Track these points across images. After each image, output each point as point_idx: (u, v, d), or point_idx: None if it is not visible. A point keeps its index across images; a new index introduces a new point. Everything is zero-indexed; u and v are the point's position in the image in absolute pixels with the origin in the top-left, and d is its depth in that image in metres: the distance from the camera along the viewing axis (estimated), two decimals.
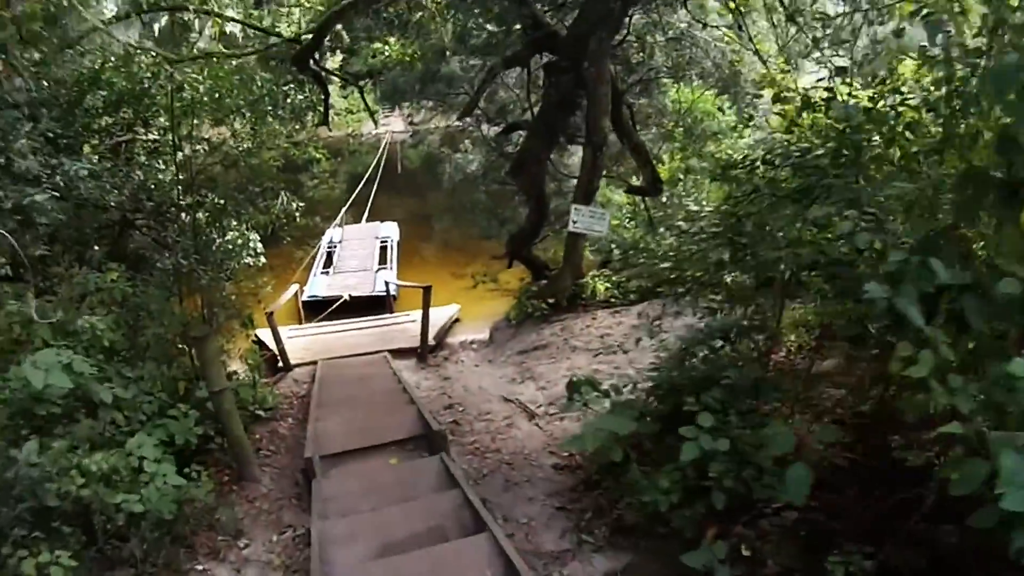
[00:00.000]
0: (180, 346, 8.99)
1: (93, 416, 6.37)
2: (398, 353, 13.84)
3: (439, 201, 29.21)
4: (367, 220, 25.58)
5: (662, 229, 13.04)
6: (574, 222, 12.65)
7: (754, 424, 5.59)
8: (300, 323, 17.04)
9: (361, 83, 17.81)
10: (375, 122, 22.93)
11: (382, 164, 30.48)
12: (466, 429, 9.70)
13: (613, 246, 16.49)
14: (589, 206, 12.69)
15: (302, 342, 14.46)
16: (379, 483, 7.65)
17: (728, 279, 7.25)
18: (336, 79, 20.09)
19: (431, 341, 14.06)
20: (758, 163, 7.03)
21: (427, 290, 13.50)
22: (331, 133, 37.26)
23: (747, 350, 7.07)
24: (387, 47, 15.93)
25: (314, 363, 13.17)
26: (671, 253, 8.49)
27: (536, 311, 14.27)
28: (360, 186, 26.77)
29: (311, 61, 14.02)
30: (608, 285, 15.09)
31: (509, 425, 9.70)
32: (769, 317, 6.95)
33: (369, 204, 26.33)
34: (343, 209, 23.99)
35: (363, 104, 19.07)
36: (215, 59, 12.28)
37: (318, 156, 14.45)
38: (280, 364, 13.03)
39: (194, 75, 10.31)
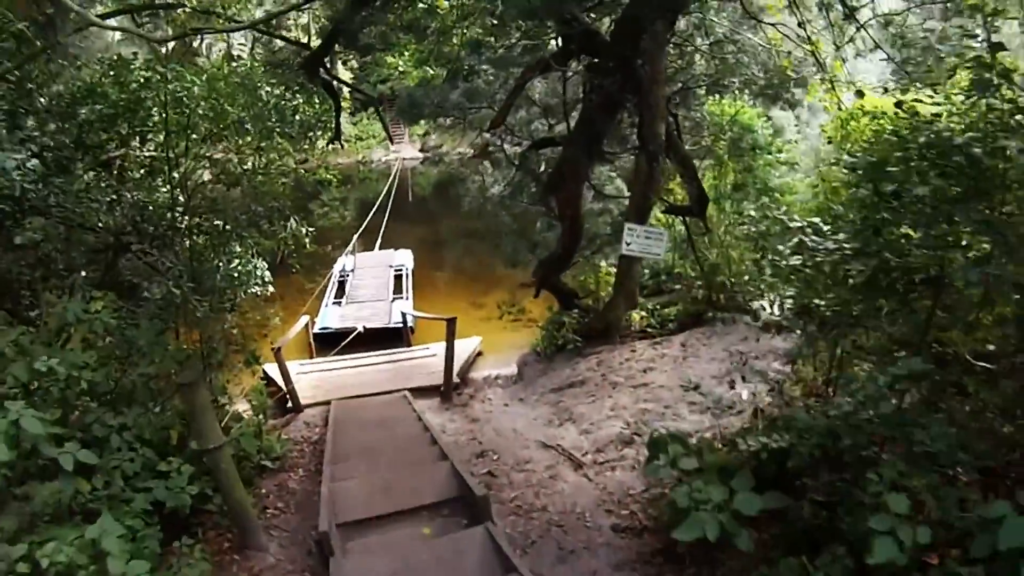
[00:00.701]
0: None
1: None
2: (419, 392, 12.62)
3: (452, 228, 28.78)
4: (380, 248, 24.34)
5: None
6: (627, 244, 11.29)
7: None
8: (311, 357, 15.81)
9: (372, 95, 16.40)
10: (390, 138, 21.75)
11: (393, 191, 29.33)
12: (503, 482, 8.42)
13: (647, 272, 15.35)
14: (644, 225, 11.37)
15: (313, 379, 13.18)
16: (413, 563, 6.23)
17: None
18: (347, 91, 18.46)
19: (455, 378, 12.80)
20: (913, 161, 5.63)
21: (451, 322, 12.20)
22: (340, 160, 37.03)
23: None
24: (401, 62, 14.70)
25: (327, 403, 11.94)
26: (791, 276, 7.07)
27: (569, 343, 13.08)
28: (371, 213, 25.57)
29: (321, 69, 12.84)
30: (644, 314, 13.92)
31: (553, 477, 8.46)
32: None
33: (381, 231, 25.13)
34: (355, 236, 22.74)
35: (379, 120, 17.62)
36: (215, 67, 11.06)
37: (329, 177, 13.19)
38: (289, 404, 11.77)
39: (191, 83, 9.06)
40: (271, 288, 11.58)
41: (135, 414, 6.60)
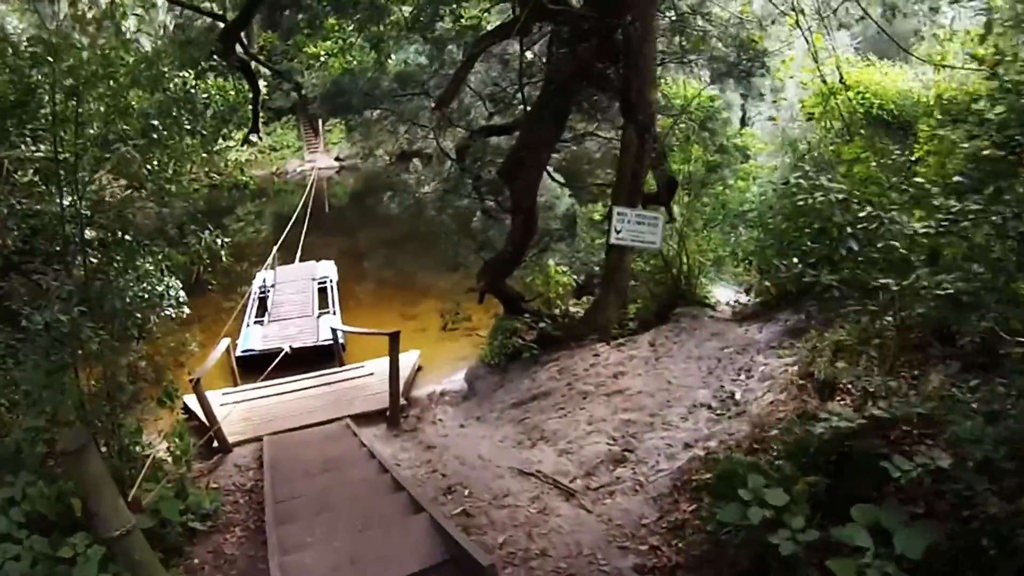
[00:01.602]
0: None
1: None
2: (362, 418, 11.16)
3: (372, 238, 27.95)
4: (300, 261, 22.71)
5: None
6: (617, 232, 10.00)
7: None
8: (235, 384, 14.18)
9: (295, 80, 14.62)
10: (315, 130, 20.04)
11: (310, 202, 27.66)
12: (483, 522, 7.05)
13: (597, 268, 14.21)
14: (635, 209, 10.07)
15: (240, 410, 11.55)
16: None
17: None
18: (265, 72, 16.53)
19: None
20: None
21: (394, 337, 10.77)
22: (255, 172, 35.34)
23: None
24: (323, 49, 13.18)
25: (259, 439, 10.43)
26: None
27: (524, 351, 11.86)
28: (288, 226, 23.87)
29: (238, 46, 11.26)
30: None
31: (543, 511, 7.15)
32: None
33: (300, 244, 23.46)
34: (274, 249, 20.97)
35: (295, 127, 16.00)
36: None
37: (245, 180, 11.67)
38: (216, 444, 10.15)
39: (82, 59, 7.43)
40: (186, 310, 10.49)
41: (24, 483, 5.13)
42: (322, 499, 7.65)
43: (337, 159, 40.84)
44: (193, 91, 9.48)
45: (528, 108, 11.21)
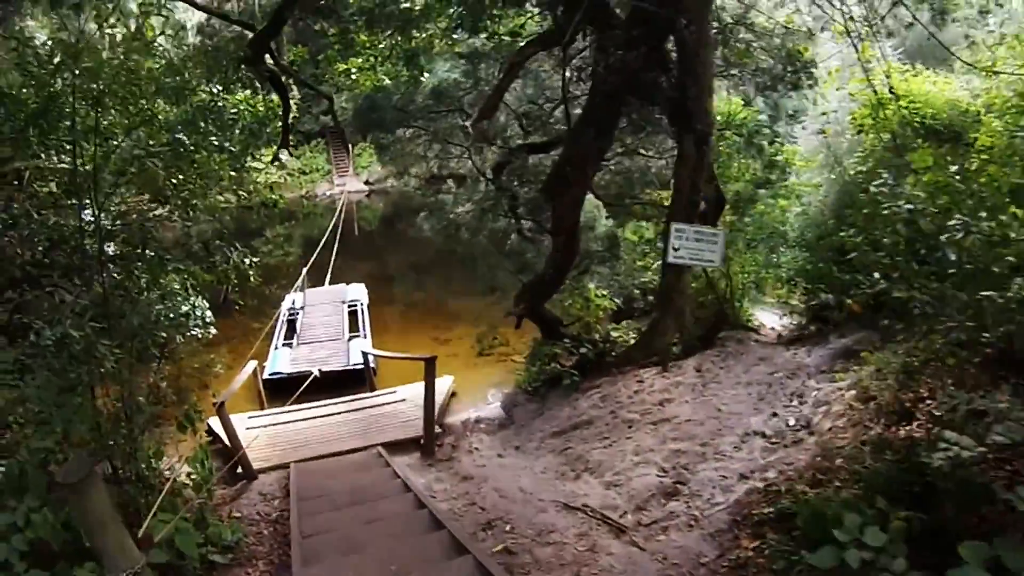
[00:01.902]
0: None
1: None
2: (394, 447, 10.57)
3: (401, 262, 27.68)
4: (330, 283, 22.26)
5: None
6: (675, 250, 9.36)
7: None
8: (262, 407, 13.62)
9: (326, 92, 14.09)
10: (344, 142, 19.50)
11: (340, 225, 27.33)
12: (527, 560, 6.51)
13: (636, 292, 13.64)
14: (694, 226, 9.48)
15: (267, 435, 11.04)
16: None
17: None
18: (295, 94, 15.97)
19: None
20: None
21: (430, 363, 10.18)
22: (284, 195, 34.99)
23: None
24: (354, 68, 12.73)
25: (285, 467, 9.86)
26: None
27: (564, 377, 11.29)
28: (318, 249, 23.50)
29: (267, 55, 10.84)
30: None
31: (592, 549, 6.61)
32: None
33: (330, 268, 23.07)
34: (303, 270, 20.52)
35: (332, 121, 15.44)
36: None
37: (274, 199, 11.20)
38: (240, 470, 9.62)
39: (101, 62, 7.00)
40: (213, 330, 9.93)
41: (26, 509, 4.64)
42: (352, 536, 7.02)
43: (367, 183, 40.77)
44: (221, 104, 9.04)
45: (571, 123, 10.65)
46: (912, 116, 10.16)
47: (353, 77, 12.98)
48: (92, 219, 6.90)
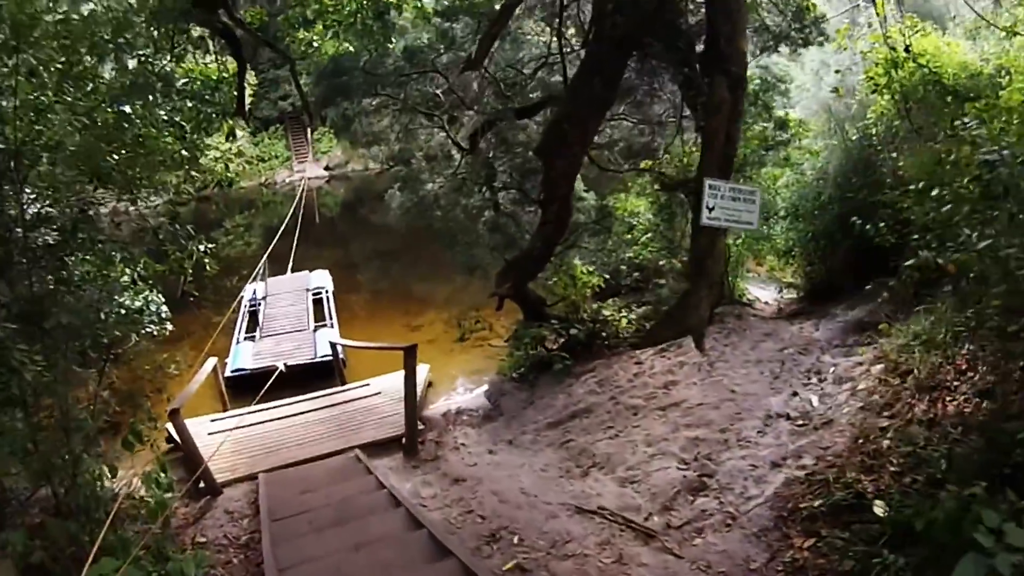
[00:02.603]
0: None
1: None
2: (374, 448, 9.52)
3: (364, 249, 27.10)
4: (292, 271, 21.08)
5: None
6: (709, 210, 8.15)
7: None
8: (224, 408, 12.46)
9: (286, 53, 12.72)
10: (308, 111, 18.14)
11: (300, 213, 26.09)
12: None
13: (623, 268, 12.71)
14: (729, 183, 8.31)
15: (231, 440, 9.88)
16: None
17: None
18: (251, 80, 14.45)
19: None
20: None
21: (410, 352, 9.12)
22: (242, 184, 34.08)
23: None
24: (315, 35, 11.49)
25: (254, 477, 8.78)
26: None
27: (556, 361, 10.39)
28: (277, 237, 22.21)
29: (221, 8, 9.56)
30: (633, 318, 11.43)
31: (619, 560, 5.78)
32: None
33: (292, 256, 21.89)
34: (263, 257, 19.17)
35: (297, 93, 14.09)
36: None
37: (230, 176, 10.09)
38: (202, 484, 8.54)
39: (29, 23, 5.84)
40: (169, 327, 9.35)
41: None
42: (341, 570, 5.89)
43: (327, 168, 39.67)
44: (169, 67, 7.97)
45: (567, 78, 9.55)
46: (929, 76, 9.38)
47: (315, 45, 11.82)
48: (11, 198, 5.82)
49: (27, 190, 6.16)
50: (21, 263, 5.97)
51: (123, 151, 6.90)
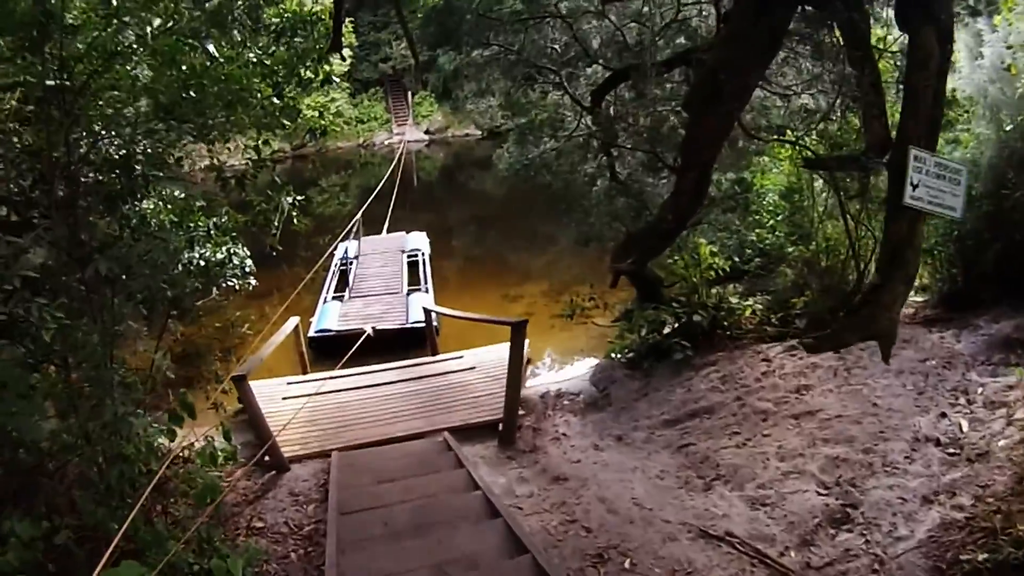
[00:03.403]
0: None
1: None
2: (463, 433, 8.45)
3: (463, 214, 26.96)
4: (388, 232, 20.21)
5: None
6: (913, 187, 6.57)
7: None
8: (304, 371, 11.37)
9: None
10: (415, 56, 17.08)
11: (399, 176, 25.31)
12: None
13: (748, 252, 11.36)
14: (934, 155, 6.72)
15: (306, 410, 8.98)
16: None
17: None
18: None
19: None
20: None
21: (518, 328, 8.00)
22: (340, 144, 33.89)
23: None
24: None
25: (326, 455, 7.84)
26: None
27: (676, 350, 9.20)
28: (371, 198, 21.43)
29: None
30: (760, 307, 10.18)
31: None
32: None
33: (388, 217, 21.16)
34: (358, 214, 18.26)
35: (405, 35, 13.09)
36: None
37: (325, 124, 9.10)
38: (268, 458, 7.59)
39: None
40: (253, 281, 8.61)
41: None
42: None
43: (426, 132, 39.03)
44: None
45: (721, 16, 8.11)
46: None
47: None
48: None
49: (96, 127, 5.40)
50: (81, 206, 5.13)
51: (207, 92, 5.98)
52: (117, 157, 5.39)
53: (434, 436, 8.33)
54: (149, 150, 5.82)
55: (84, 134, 5.30)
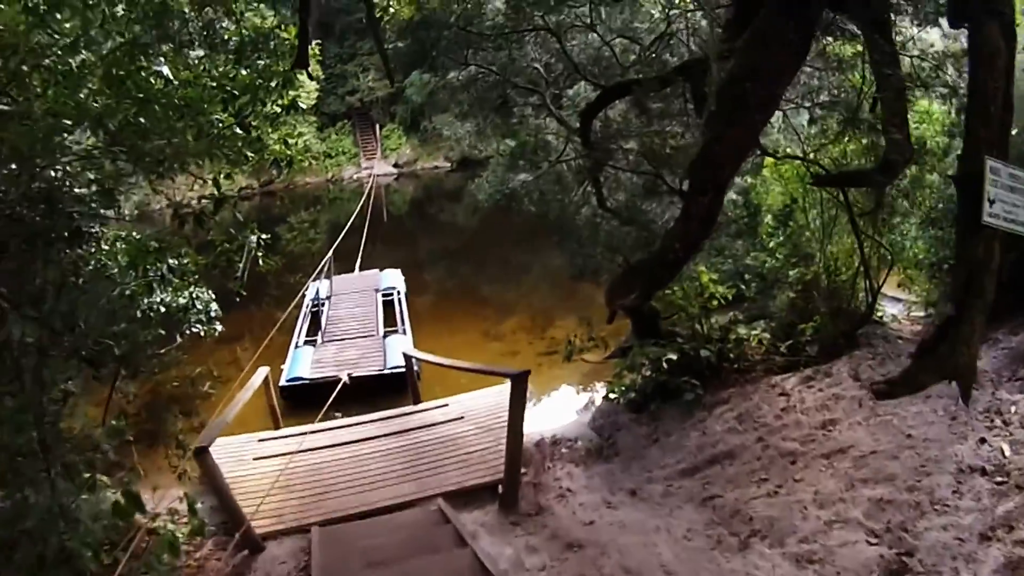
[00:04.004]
0: None
1: None
2: (459, 497, 7.54)
3: (435, 248, 26.29)
4: (360, 270, 19.36)
5: None
6: (990, 204, 5.73)
7: None
8: (276, 424, 10.35)
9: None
10: (389, 75, 16.41)
11: (369, 210, 24.45)
12: None
13: (746, 276, 10.68)
14: (1008, 166, 5.83)
15: (278, 469, 8.04)
16: None
17: None
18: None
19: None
20: None
21: (519, 380, 6.88)
22: (308, 180, 33.40)
23: None
24: None
25: (305, 530, 6.88)
26: None
27: (686, 390, 8.43)
28: (343, 233, 20.47)
29: None
30: (767, 336, 9.50)
31: None
32: None
33: (360, 254, 20.26)
34: (329, 252, 17.22)
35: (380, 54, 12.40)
36: None
37: (290, 154, 8.32)
38: (239, 535, 6.55)
39: None
40: (219, 327, 8.14)
41: None
42: None
43: (395, 166, 38.53)
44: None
45: (718, 29, 7.31)
46: None
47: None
48: None
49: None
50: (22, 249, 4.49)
51: (161, 118, 5.23)
52: (38, 191, 4.60)
53: (426, 504, 7.39)
54: (84, 188, 5.08)
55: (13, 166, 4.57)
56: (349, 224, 21.40)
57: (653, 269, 8.33)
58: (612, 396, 9.42)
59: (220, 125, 6.14)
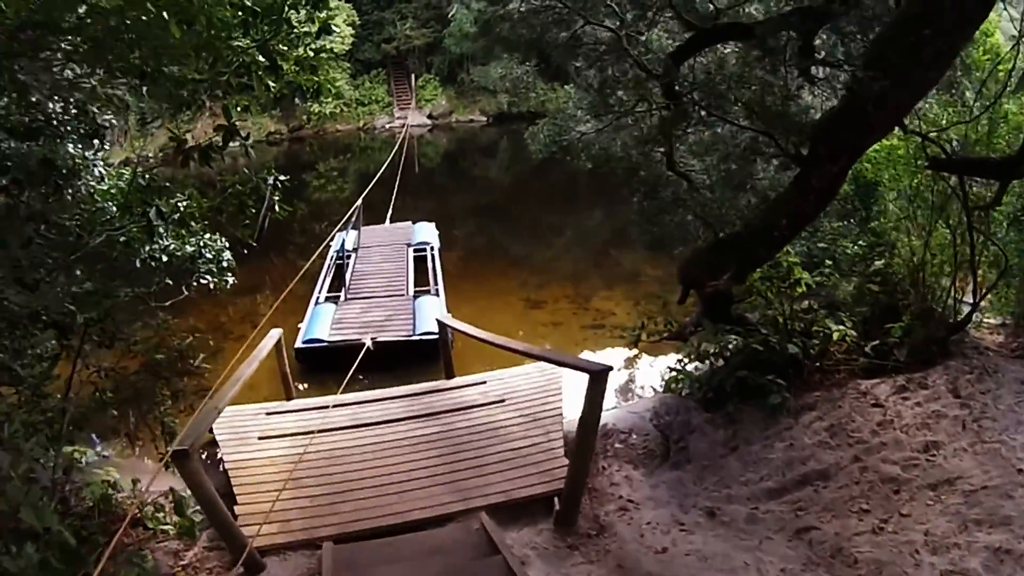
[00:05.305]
0: None
1: None
2: (502, 511, 6.24)
3: (468, 203, 25.30)
4: (391, 222, 18.18)
5: None
6: None
7: None
8: (288, 394, 8.87)
9: None
10: (407, 85, 15.29)
11: (402, 160, 23.24)
12: None
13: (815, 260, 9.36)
14: None
15: (286, 452, 6.95)
16: None
17: None
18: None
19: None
20: None
21: (598, 378, 5.65)
22: (339, 127, 32.39)
23: None
24: None
25: (315, 545, 5.65)
26: None
27: (771, 390, 7.13)
28: (371, 184, 19.12)
29: None
30: (850, 332, 7.99)
31: None
32: None
33: (391, 206, 19.13)
34: (358, 201, 15.77)
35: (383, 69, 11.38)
36: None
37: (316, 80, 7.12)
38: (234, 551, 5.32)
39: None
40: (231, 278, 6.90)
41: None
42: None
43: (429, 117, 37.70)
44: None
45: None
46: None
47: None
48: None
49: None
50: None
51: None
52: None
53: (466, 519, 6.09)
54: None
55: None
56: (380, 174, 20.45)
57: (750, 246, 7.08)
58: (674, 387, 8.23)
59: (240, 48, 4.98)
